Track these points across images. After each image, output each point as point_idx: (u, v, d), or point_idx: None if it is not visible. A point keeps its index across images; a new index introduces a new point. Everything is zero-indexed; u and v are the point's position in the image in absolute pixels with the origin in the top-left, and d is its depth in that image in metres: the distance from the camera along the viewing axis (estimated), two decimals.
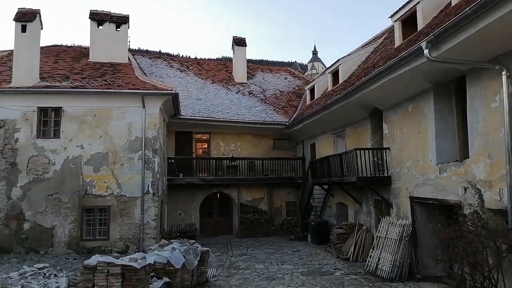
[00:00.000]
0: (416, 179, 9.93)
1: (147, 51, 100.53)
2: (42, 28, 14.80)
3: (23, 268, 8.23)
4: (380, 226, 11.09)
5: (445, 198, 8.68)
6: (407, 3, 10.89)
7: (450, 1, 9.56)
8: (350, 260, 12.10)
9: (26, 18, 14.05)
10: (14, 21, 14.01)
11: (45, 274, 7.98)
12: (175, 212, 17.83)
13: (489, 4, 5.76)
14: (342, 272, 10.81)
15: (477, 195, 7.51)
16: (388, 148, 11.45)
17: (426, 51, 7.28)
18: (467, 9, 6.06)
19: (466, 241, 6.84)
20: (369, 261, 10.81)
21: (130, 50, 19.17)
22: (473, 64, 7.35)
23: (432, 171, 9.20)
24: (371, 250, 11.05)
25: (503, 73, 6.82)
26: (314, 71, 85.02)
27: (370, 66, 12.44)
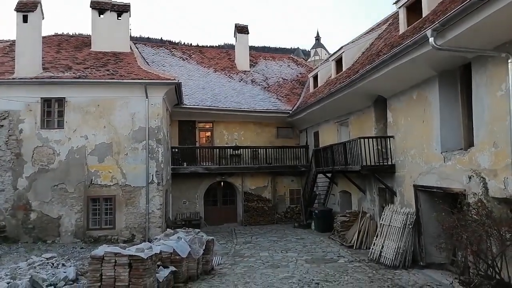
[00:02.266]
0: (420, 168, 9.92)
1: (148, 39, 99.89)
2: (43, 18, 14.70)
3: (31, 258, 8.37)
4: (384, 214, 11.14)
5: (449, 186, 8.68)
6: None
7: None
8: (354, 248, 12.21)
9: (27, 8, 13.95)
10: (15, 11, 13.92)
11: (53, 264, 8.12)
12: (179, 201, 17.96)
13: None
14: (346, 259, 10.92)
15: (482, 183, 7.50)
16: (392, 137, 11.41)
17: (431, 39, 7.19)
18: None
19: (470, 230, 6.87)
20: (372, 249, 10.89)
21: (131, 38, 19.05)
22: (479, 52, 7.25)
23: (437, 159, 9.18)
24: (375, 237, 11.12)
25: (510, 61, 6.72)
26: (317, 57, 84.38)
27: (374, 54, 12.31)
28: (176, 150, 17.62)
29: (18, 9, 13.94)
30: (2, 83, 13.35)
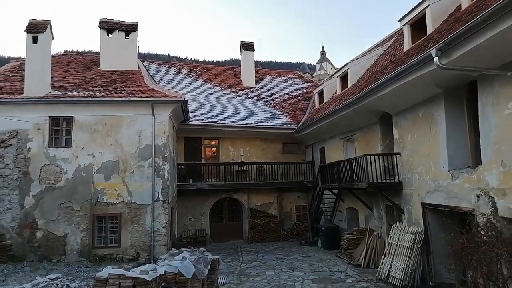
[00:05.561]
0: (427, 186, 9.81)
1: (156, 55, 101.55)
2: (53, 39, 14.99)
3: (36, 279, 8.31)
4: (392, 233, 10.98)
5: (457, 205, 8.56)
6: (416, 7, 10.78)
7: (460, 4, 9.44)
8: (362, 267, 12.01)
9: (37, 29, 14.23)
10: (26, 32, 14.21)
11: (57, 285, 8.06)
12: (185, 218, 17.89)
13: (500, 12, 5.66)
14: (353, 279, 10.74)
15: (491, 203, 7.37)
16: (399, 154, 11.33)
17: (436, 59, 7.19)
18: (478, 17, 5.95)
19: (480, 251, 6.72)
20: (380, 268, 10.71)
21: (139, 55, 19.32)
22: (484, 71, 7.23)
23: (444, 177, 9.08)
24: (383, 256, 10.94)
25: None
26: (322, 72, 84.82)
27: (379, 71, 12.34)
28: (182, 166, 17.65)
29: (28, 30, 14.24)
30: (11, 102, 13.56)
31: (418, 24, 10.83)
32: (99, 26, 16.92)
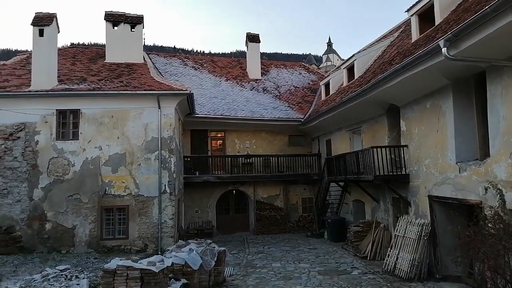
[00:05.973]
0: (435, 178, 9.75)
1: (162, 47, 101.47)
2: (59, 32, 15.01)
3: (45, 270, 8.45)
4: (398, 225, 10.96)
5: (465, 198, 8.51)
6: None
7: None
8: (368, 259, 12.03)
9: (43, 23, 14.25)
10: (32, 26, 14.24)
11: (66, 276, 8.19)
12: (192, 210, 18.01)
13: (510, 2, 5.55)
14: (359, 271, 10.76)
15: (499, 195, 7.32)
16: (406, 146, 11.26)
17: (444, 50, 7.09)
18: (487, 7, 5.85)
19: (487, 244, 6.69)
20: (387, 260, 10.71)
21: (145, 48, 19.30)
22: (493, 62, 7.13)
23: (452, 170, 9.01)
24: (389, 249, 10.94)
25: None
26: (329, 63, 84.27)
27: (387, 62, 12.20)
28: (189, 159, 17.73)
29: (34, 23, 14.26)
30: (18, 95, 13.65)
31: (426, 14, 10.66)
32: (104, 19, 16.91)
